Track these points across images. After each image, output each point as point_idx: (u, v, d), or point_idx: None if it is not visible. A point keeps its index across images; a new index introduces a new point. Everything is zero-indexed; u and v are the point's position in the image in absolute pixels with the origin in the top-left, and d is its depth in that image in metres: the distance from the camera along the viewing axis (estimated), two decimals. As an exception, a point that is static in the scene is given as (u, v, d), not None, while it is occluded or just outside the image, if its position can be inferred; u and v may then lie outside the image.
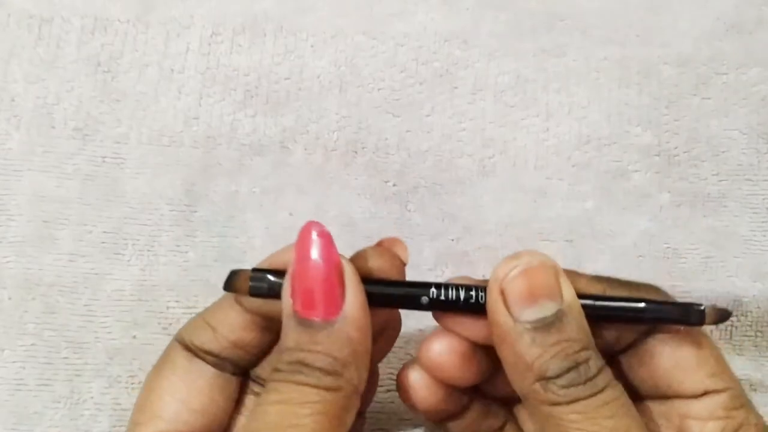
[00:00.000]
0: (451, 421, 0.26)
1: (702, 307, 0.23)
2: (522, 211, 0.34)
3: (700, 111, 0.35)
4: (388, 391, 0.31)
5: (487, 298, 0.22)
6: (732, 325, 0.33)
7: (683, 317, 0.23)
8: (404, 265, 0.25)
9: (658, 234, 0.33)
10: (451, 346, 0.24)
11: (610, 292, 0.24)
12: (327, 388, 0.21)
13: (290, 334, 0.21)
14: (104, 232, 0.33)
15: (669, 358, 0.24)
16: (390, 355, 0.32)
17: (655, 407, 0.25)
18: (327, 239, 0.22)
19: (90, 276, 0.32)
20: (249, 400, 0.25)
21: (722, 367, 0.24)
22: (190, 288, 0.32)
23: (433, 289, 0.23)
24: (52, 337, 0.32)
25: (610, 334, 0.24)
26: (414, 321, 0.32)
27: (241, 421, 0.25)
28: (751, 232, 0.34)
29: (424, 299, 0.23)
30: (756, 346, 0.32)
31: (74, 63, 0.35)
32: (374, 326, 0.23)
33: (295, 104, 0.35)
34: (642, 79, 0.36)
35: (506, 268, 0.22)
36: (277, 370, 0.21)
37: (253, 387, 0.26)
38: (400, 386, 0.25)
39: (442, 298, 0.23)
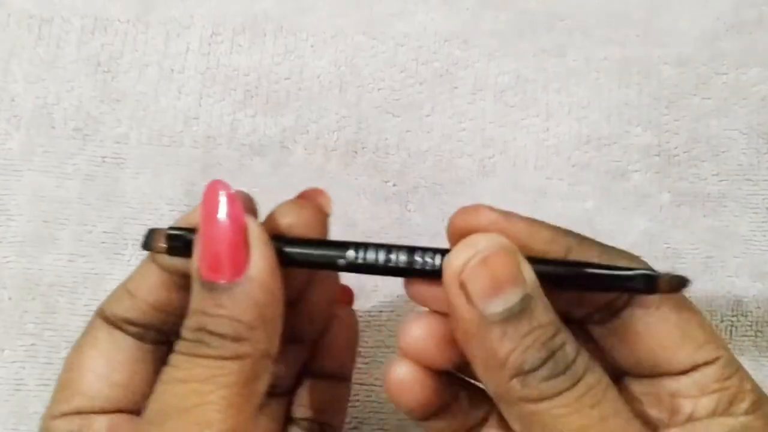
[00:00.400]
0: (439, 416, 0.24)
1: (655, 274, 0.21)
2: (522, 211, 0.33)
3: (700, 111, 0.35)
4: (388, 391, 0.31)
5: (447, 292, 0.20)
6: (732, 325, 0.33)
7: (633, 285, 0.21)
8: (327, 216, 0.23)
9: (658, 234, 0.33)
10: (429, 327, 0.22)
11: (575, 252, 0.22)
12: (232, 357, 0.20)
13: (195, 298, 0.21)
14: (104, 232, 0.33)
15: (651, 335, 0.22)
16: (390, 355, 0.32)
17: (641, 386, 0.23)
18: (231, 198, 0.21)
19: (90, 276, 0.32)
20: None
21: (709, 335, 0.22)
22: (190, 288, 0.32)
23: (351, 251, 0.21)
24: (52, 337, 0.32)
25: (581, 308, 0.22)
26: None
27: None
28: (751, 232, 0.34)
29: (341, 261, 0.21)
30: (756, 346, 0.32)
31: (74, 63, 0.35)
32: (293, 288, 0.22)
33: (295, 104, 0.35)
34: (642, 79, 0.36)
35: (462, 258, 0.20)
36: (180, 339, 0.21)
37: None
38: (388, 384, 0.23)
39: (360, 261, 0.21)
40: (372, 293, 0.33)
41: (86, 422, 0.22)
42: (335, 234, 0.32)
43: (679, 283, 0.21)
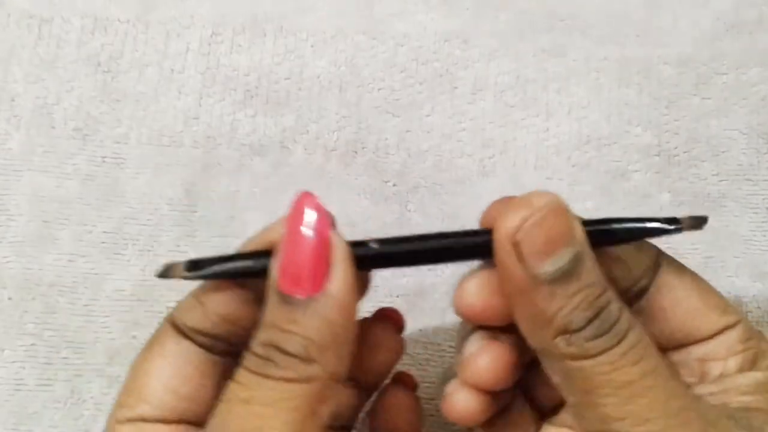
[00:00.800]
0: (496, 423, 0.25)
1: (677, 217, 0.23)
2: (522, 211, 0.34)
3: (700, 111, 0.35)
4: (388, 391, 0.31)
5: (497, 252, 0.20)
6: (732, 325, 0.33)
7: (660, 228, 0.22)
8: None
9: (658, 234, 0.33)
10: (495, 356, 0.23)
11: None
12: (299, 380, 0.19)
13: (269, 310, 0.20)
14: (104, 232, 0.33)
15: (679, 307, 0.23)
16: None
17: (671, 358, 0.24)
18: (320, 211, 0.21)
19: (90, 276, 0.32)
20: None
21: (727, 302, 0.23)
22: (191, 288, 0.32)
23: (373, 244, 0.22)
24: (52, 337, 0.32)
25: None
26: (413, 321, 0.32)
27: None
28: (751, 232, 0.34)
29: (373, 245, 0.22)
30: None
31: (74, 63, 0.35)
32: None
33: (295, 104, 0.35)
34: (642, 79, 0.36)
35: (519, 218, 0.20)
36: (248, 353, 0.20)
37: None
38: (449, 412, 0.24)
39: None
40: (372, 293, 0.32)
41: (150, 430, 0.22)
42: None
43: (699, 219, 0.23)
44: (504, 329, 0.23)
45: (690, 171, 0.34)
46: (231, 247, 0.33)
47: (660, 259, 0.23)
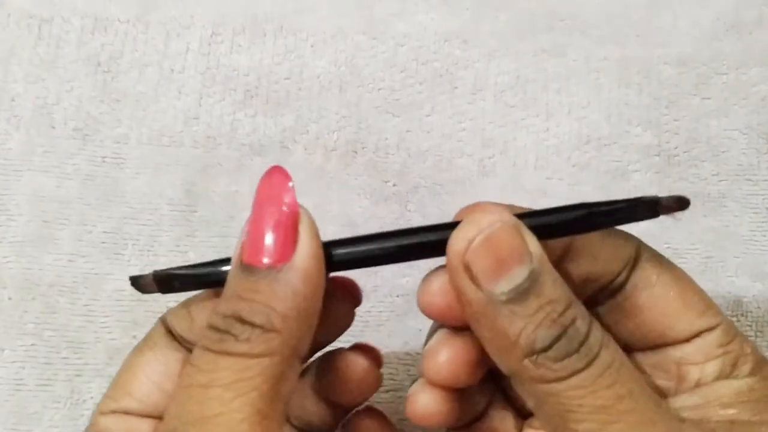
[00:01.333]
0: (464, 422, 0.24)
1: (656, 198, 0.21)
2: (522, 211, 0.34)
3: (700, 111, 0.35)
4: (388, 391, 0.31)
5: (451, 276, 0.20)
6: (732, 325, 0.33)
7: (638, 213, 0.21)
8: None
9: (658, 234, 0.33)
10: (455, 351, 0.22)
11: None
12: (259, 355, 0.19)
13: (231, 282, 0.20)
14: (104, 232, 0.33)
15: (654, 306, 0.22)
16: (390, 354, 0.32)
17: (646, 359, 0.23)
18: (289, 187, 0.20)
19: (90, 276, 0.32)
20: None
21: (708, 302, 0.22)
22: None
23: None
24: (52, 337, 0.32)
25: (588, 286, 0.22)
26: (413, 321, 0.32)
27: None
28: (751, 232, 0.34)
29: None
30: (756, 346, 0.32)
31: (74, 63, 0.35)
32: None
33: (295, 104, 0.35)
34: (642, 79, 0.36)
35: (465, 238, 0.19)
36: (205, 329, 0.20)
37: None
38: (413, 414, 0.23)
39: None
40: (372, 293, 0.33)
41: (133, 424, 0.22)
42: (335, 234, 0.32)
43: (680, 202, 0.21)
44: (468, 327, 0.22)
45: (690, 171, 0.34)
46: (231, 247, 0.33)
47: (640, 252, 0.23)
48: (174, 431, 0.19)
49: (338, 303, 0.23)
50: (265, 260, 0.19)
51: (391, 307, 0.32)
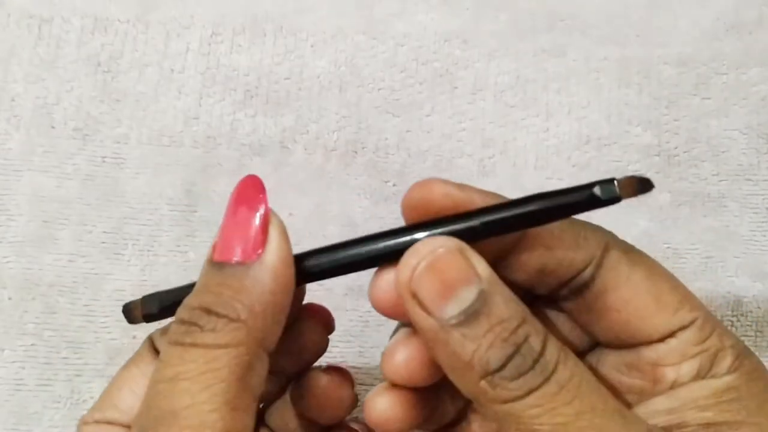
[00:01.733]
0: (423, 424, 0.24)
1: (614, 179, 0.20)
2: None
3: (700, 111, 0.35)
4: (388, 391, 0.31)
5: (403, 304, 0.20)
6: (732, 325, 0.33)
7: (595, 198, 0.20)
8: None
9: (658, 234, 0.33)
10: (411, 351, 0.22)
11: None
12: (225, 345, 0.19)
13: (201, 278, 0.20)
14: (104, 232, 0.33)
15: (624, 306, 0.21)
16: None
17: (620, 357, 0.22)
18: (262, 192, 0.21)
19: (90, 276, 0.32)
20: None
21: (683, 297, 0.21)
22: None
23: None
24: (52, 337, 0.32)
25: (549, 280, 0.22)
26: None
27: None
28: (751, 232, 0.34)
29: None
30: (756, 346, 0.32)
31: (74, 63, 0.35)
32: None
33: (295, 104, 0.35)
34: (642, 79, 0.36)
35: (409, 268, 0.19)
36: (174, 324, 0.20)
37: None
38: (369, 417, 0.23)
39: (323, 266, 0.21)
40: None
41: None
42: (335, 234, 0.32)
43: (641, 184, 0.20)
44: None
45: (690, 171, 0.34)
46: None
47: (609, 247, 0.22)
48: (143, 428, 0.19)
49: (312, 329, 0.24)
50: (235, 257, 0.20)
51: (391, 307, 0.32)
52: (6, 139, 0.34)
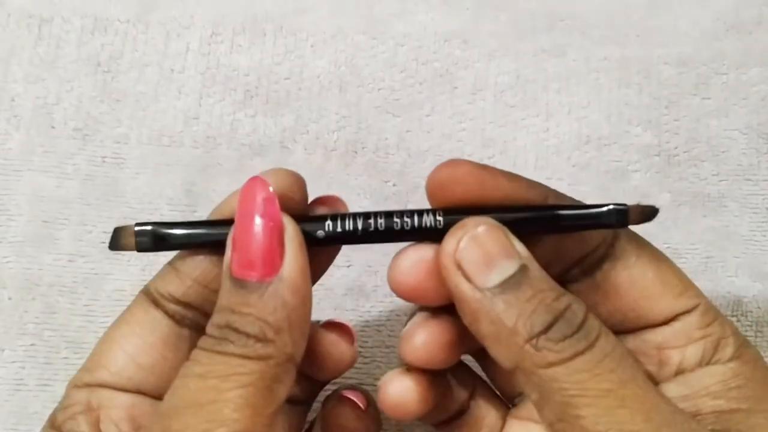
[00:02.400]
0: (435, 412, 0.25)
1: (625, 207, 0.21)
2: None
3: (700, 111, 0.35)
4: (388, 391, 0.31)
5: (446, 277, 0.21)
6: (732, 325, 0.33)
7: (606, 220, 0.21)
8: (304, 183, 0.23)
9: (658, 234, 0.33)
10: (430, 333, 0.23)
11: (552, 200, 0.22)
12: (255, 357, 0.19)
13: (223, 294, 0.20)
14: (104, 232, 0.33)
15: (632, 287, 0.22)
16: (390, 354, 0.32)
17: (626, 342, 0.23)
18: (270, 197, 0.21)
19: (90, 276, 0.32)
20: None
21: (687, 284, 0.22)
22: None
23: (329, 221, 0.22)
24: (52, 337, 0.32)
25: (559, 262, 0.23)
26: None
27: None
28: (751, 232, 0.34)
29: (320, 233, 0.22)
30: (756, 346, 0.32)
31: (74, 63, 0.35)
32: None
33: (295, 104, 0.35)
34: (642, 79, 0.36)
35: (453, 241, 0.20)
36: (205, 336, 0.20)
37: None
38: (384, 401, 0.24)
39: (339, 230, 0.22)
40: (372, 293, 0.33)
41: (107, 397, 0.22)
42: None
43: (649, 212, 0.22)
44: (444, 309, 0.23)
45: (690, 171, 0.34)
46: (231, 247, 0.33)
47: (618, 230, 0.23)
48: (167, 415, 0.19)
49: (336, 345, 0.25)
50: (254, 274, 0.20)
51: (391, 307, 0.32)
52: (6, 139, 0.34)
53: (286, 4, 0.36)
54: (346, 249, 0.26)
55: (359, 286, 0.33)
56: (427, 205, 0.22)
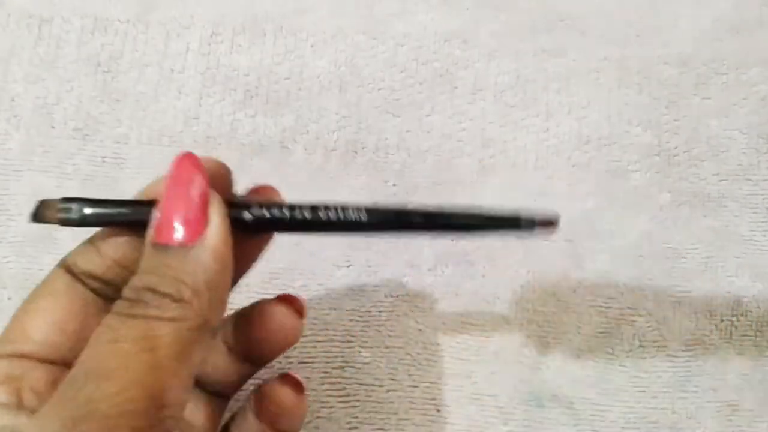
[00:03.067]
0: None
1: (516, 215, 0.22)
2: (522, 211, 0.34)
3: (700, 111, 0.35)
4: (388, 391, 0.31)
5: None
6: (732, 325, 0.33)
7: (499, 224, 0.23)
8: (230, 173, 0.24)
9: (658, 234, 0.33)
10: None
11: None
12: (168, 319, 0.19)
13: (144, 259, 0.20)
14: (104, 232, 0.33)
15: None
16: (390, 354, 0.32)
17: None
18: (202, 169, 0.21)
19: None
20: None
21: None
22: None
23: (258, 207, 0.22)
24: (52, 337, 0.32)
25: None
26: (413, 321, 0.32)
27: None
28: (751, 232, 0.34)
29: (247, 215, 0.22)
30: (756, 346, 0.32)
31: (74, 63, 0.35)
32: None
33: (295, 104, 0.35)
34: (642, 79, 0.36)
35: None
36: (119, 300, 0.20)
37: None
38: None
39: (267, 215, 0.22)
40: (372, 293, 0.33)
41: (29, 367, 0.21)
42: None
43: (548, 220, 0.23)
44: None
45: (690, 171, 0.34)
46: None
47: None
48: (76, 381, 0.19)
49: (283, 313, 0.25)
50: (177, 238, 0.20)
51: (391, 307, 0.32)
52: (6, 139, 0.34)
53: (286, 4, 0.36)
54: (346, 249, 0.26)
55: (359, 286, 0.33)
56: (429, 204, 0.22)
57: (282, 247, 0.21)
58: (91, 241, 0.23)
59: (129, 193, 0.33)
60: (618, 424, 0.31)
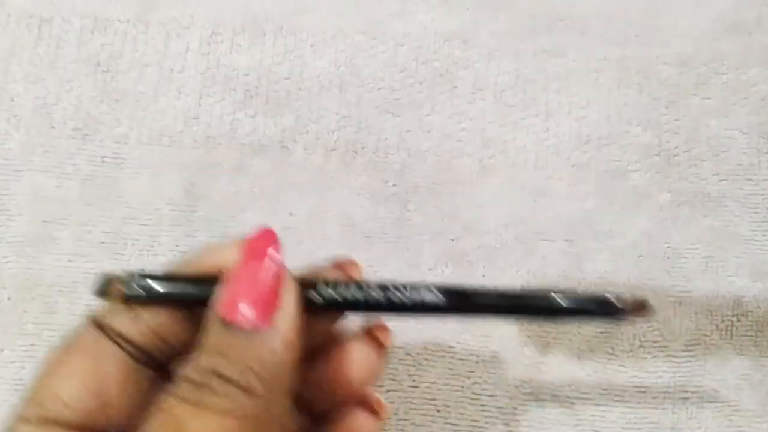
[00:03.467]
0: None
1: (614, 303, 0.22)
2: (522, 211, 0.34)
3: (700, 111, 0.35)
4: (388, 391, 0.31)
5: None
6: (732, 325, 0.33)
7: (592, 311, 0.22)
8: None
9: (658, 234, 0.33)
10: None
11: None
12: (242, 416, 0.18)
13: (211, 335, 0.19)
14: (104, 232, 0.33)
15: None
16: (390, 355, 0.32)
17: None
18: (277, 249, 0.20)
19: (90, 276, 0.32)
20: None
21: None
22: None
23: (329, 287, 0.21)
24: (51, 337, 0.32)
25: None
26: (413, 321, 0.32)
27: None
28: (751, 232, 0.34)
29: (317, 298, 0.21)
30: (756, 346, 0.32)
31: (74, 63, 0.35)
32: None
33: (295, 104, 0.35)
34: (642, 79, 0.36)
35: None
36: (182, 381, 0.19)
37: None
38: None
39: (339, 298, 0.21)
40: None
41: None
42: (335, 234, 0.32)
43: (643, 306, 0.22)
44: None
45: (690, 171, 0.34)
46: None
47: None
48: None
49: (365, 349, 0.23)
50: (247, 318, 0.19)
51: (391, 307, 0.32)
52: (6, 139, 0.34)
53: (286, 4, 0.36)
54: (346, 249, 0.26)
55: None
56: (429, 204, 0.22)
57: (282, 247, 0.21)
58: (128, 306, 0.22)
59: (129, 192, 0.33)
60: (618, 424, 0.31)
